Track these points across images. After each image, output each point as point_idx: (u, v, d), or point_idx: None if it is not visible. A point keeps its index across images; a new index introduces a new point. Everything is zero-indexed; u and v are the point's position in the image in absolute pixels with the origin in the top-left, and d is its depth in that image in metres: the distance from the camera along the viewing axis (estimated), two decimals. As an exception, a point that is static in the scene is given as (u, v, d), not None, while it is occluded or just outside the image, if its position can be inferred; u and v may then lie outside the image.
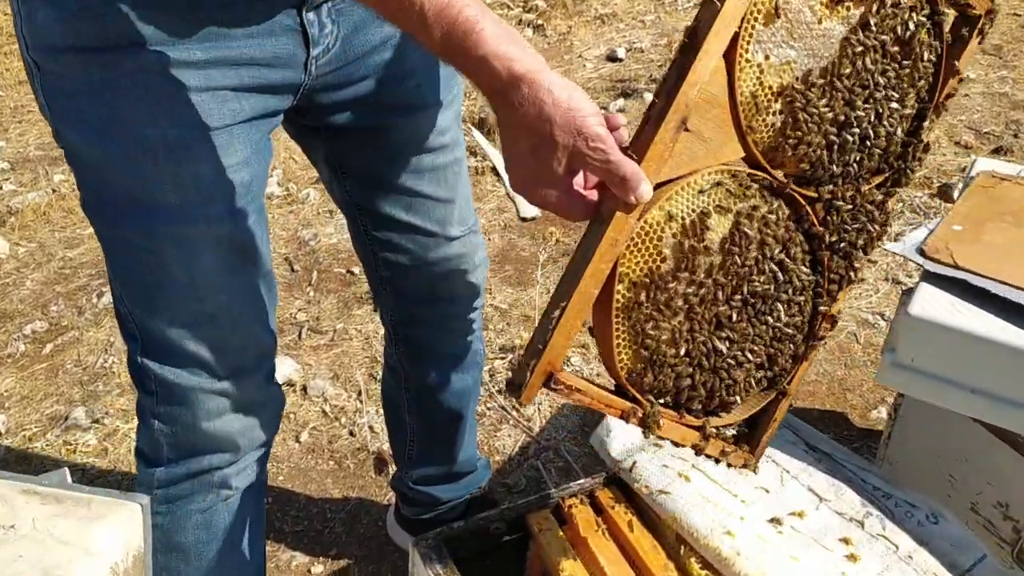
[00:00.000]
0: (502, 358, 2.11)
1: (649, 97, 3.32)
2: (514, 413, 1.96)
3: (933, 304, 1.16)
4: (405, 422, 1.43)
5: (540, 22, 4.06)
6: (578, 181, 0.78)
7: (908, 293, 1.37)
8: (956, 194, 2.64)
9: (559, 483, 1.79)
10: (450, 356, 1.34)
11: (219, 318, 0.99)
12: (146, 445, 1.09)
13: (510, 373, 0.80)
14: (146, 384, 1.04)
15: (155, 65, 0.84)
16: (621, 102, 3.30)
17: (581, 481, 1.25)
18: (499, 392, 2.02)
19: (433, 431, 1.43)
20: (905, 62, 0.89)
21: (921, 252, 1.24)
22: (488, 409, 1.98)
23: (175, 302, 0.96)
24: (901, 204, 2.63)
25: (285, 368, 2.06)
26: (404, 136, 1.11)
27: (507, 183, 2.83)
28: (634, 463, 1.22)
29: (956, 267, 1.21)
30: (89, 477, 1.83)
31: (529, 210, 2.68)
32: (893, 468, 1.48)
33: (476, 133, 3.06)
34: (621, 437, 1.26)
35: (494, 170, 2.91)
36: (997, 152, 2.92)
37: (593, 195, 0.78)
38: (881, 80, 0.88)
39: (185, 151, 0.88)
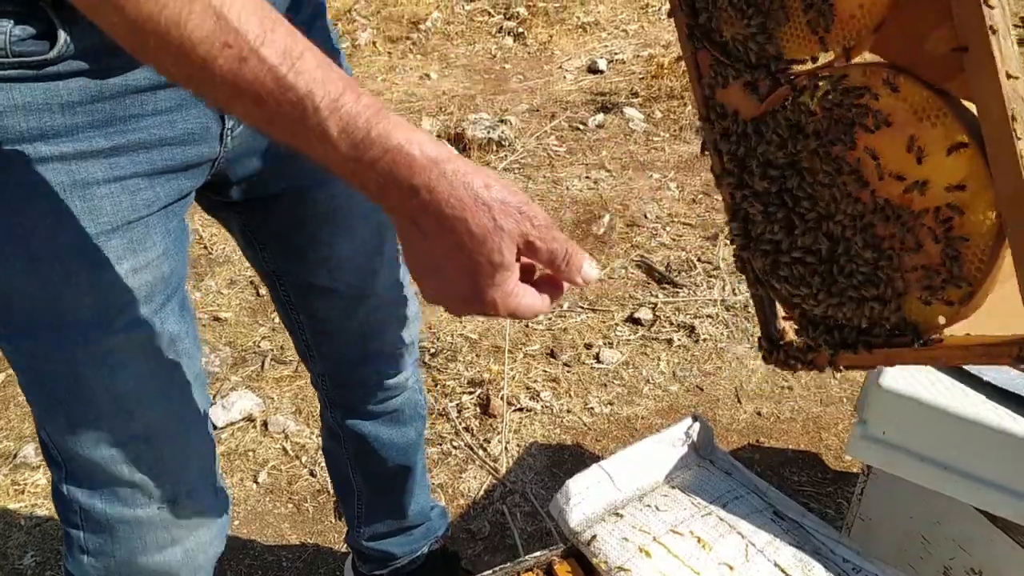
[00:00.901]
0: (470, 392, 2.06)
1: (630, 112, 3.27)
2: (480, 452, 1.91)
3: (905, 375, 1.11)
4: (351, 481, 1.37)
5: (521, 30, 3.99)
6: None
7: (882, 351, 1.32)
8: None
9: (524, 529, 1.74)
10: (390, 414, 1.29)
11: (153, 434, 0.89)
12: (76, 571, 0.99)
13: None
14: (70, 517, 0.94)
15: (53, 160, 0.75)
16: (600, 117, 3.24)
17: (537, 553, 1.20)
18: (466, 429, 1.96)
19: (380, 488, 1.38)
20: None
21: (894, 316, 1.19)
22: (454, 448, 1.92)
23: (101, 424, 0.86)
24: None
25: (245, 403, 1.99)
26: (323, 199, 1.03)
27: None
28: (594, 536, 1.17)
29: (930, 333, 1.16)
30: (37, 520, 1.76)
31: (503, 232, 2.62)
32: (865, 525, 1.44)
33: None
34: (581, 506, 1.20)
35: (469, 188, 2.84)
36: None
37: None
38: None
39: (98, 253, 0.79)
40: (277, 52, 0.56)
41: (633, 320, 2.28)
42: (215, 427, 1.95)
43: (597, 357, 2.16)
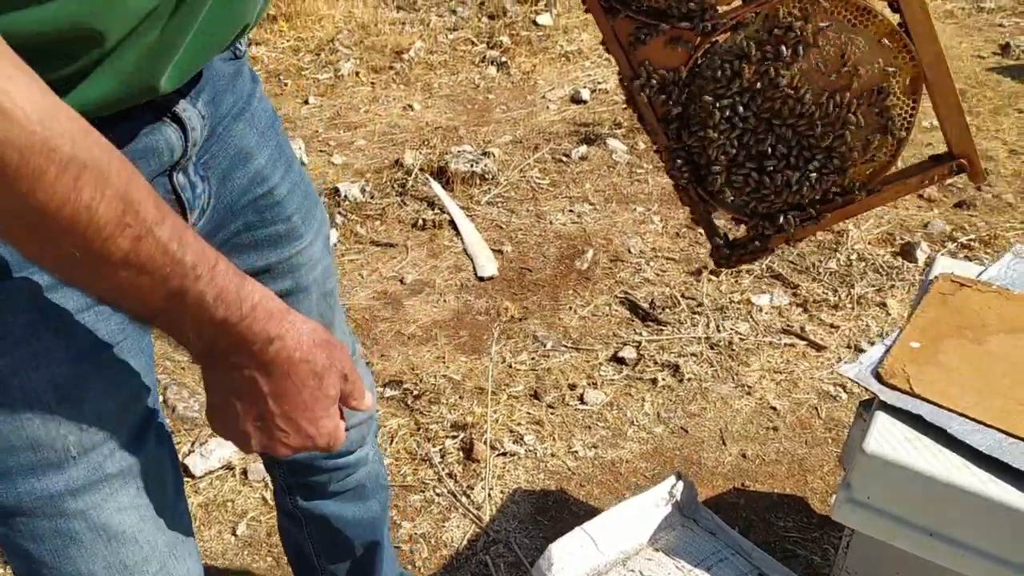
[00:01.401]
0: (453, 436, 2.03)
1: (614, 143, 3.27)
2: (463, 500, 1.88)
3: (889, 440, 1.10)
4: (315, 566, 1.33)
5: (504, 59, 4.00)
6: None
7: (865, 407, 1.31)
8: (919, 255, 2.61)
9: (508, 580, 1.71)
10: (352, 490, 1.25)
11: (148, 570, 0.83)
12: None
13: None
14: None
15: (24, 295, 0.70)
16: (584, 148, 3.24)
17: (519, 622, 1.18)
18: (449, 475, 1.94)
19: (347, 568, 1.33)
20: None
21: (877, 376, 1.18)
22: (437, 495, 1.90)
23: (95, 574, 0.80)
24: (863, 264, 2.59)
25: (224, 450, 1.96)
26: (278, 275, 1.01)
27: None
28: (576, 604, 1.15)
29: (913, 394, 1.15)
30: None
31: (487, 269, 2.61)
32: (851, 579, 1.42)
33: (434, 184, 2.99)
34: (564, 572, 1.18)
35: (452, 224, 2.83)
36: (960, 206, 2.89)
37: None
38: None
39: (80, 389, 0.74)
40: (168, 229, 0.61)
41: (617, 359, 2.26)
42: (193, 476, 1.92)
43: (581, 398, 2.15)
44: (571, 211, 2.92)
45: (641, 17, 0.91)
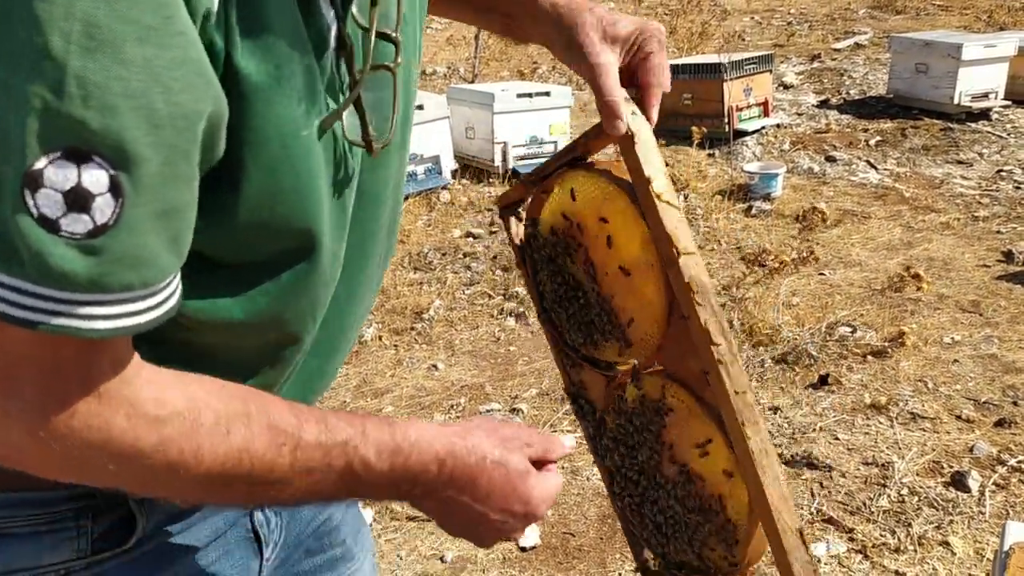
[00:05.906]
0: None
1: (638, 389, 3.27)
2: None
3: None
4: None
5: (522, 310, 4.11)
6: None
7: None
8: (972, 484, 2.53)
9: None
10: None
11: None
12: None
13: None
14: None
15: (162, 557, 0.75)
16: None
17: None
18: None
19: None
20: None
21: None
22: None
23: None
24: (916, 498, 2.51)
25: None
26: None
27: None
28: None
29: None
30: None
31: (528, 539, 2.53)
32: None
33: (466, 449, 2.97)
34: None
35: (487, 489, 2.78)
36: (1000, 425, 2.84)
37: None
38: None
39: None
40: (313, 427, 0.66)
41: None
42: None
43: None
44: (606, 464, 2.88)
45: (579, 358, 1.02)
